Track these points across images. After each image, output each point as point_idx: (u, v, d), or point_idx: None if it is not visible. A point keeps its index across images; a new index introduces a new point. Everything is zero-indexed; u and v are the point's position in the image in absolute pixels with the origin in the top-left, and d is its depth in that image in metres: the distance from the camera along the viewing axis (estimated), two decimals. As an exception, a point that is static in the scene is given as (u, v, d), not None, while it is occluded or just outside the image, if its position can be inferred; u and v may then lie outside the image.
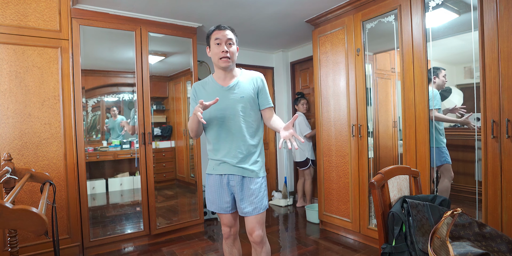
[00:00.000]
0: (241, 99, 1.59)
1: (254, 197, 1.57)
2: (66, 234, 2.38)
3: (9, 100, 2.18)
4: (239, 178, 1.59)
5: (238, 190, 1.59)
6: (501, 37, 1.72)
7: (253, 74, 1.69)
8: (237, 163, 1.58)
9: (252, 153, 1.61)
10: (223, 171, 1.62)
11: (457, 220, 1.16)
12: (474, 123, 1.94)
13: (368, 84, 2.55)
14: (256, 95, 1.64)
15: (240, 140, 1.59)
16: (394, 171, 1.35)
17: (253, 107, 1.63)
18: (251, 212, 1.57)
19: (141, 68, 2.71)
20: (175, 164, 3.26)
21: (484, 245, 1.12)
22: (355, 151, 2.63)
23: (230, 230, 1.69)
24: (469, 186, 2.02)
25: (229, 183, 1.61)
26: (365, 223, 2.59)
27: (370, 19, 2.47)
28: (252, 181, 1.59)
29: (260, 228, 1.59)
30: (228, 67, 1.59)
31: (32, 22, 2.25)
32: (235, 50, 1.61)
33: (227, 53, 1.56)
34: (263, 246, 1.61)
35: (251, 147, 1.61)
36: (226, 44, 1.57)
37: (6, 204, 0.84)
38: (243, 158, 1.59)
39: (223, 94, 1.60)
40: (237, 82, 1.63)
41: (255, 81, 1.65)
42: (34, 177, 1.52)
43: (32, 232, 0.88)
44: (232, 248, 1.72)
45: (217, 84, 1.64)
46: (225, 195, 1.63)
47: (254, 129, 1.64)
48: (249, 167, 1.59)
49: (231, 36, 1.58)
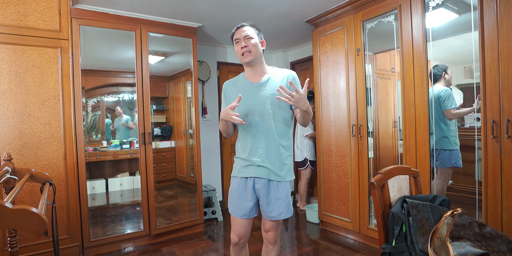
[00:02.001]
0: (270, 96, 1.53)
1: (281, 201, 1.54)
2: (66, 234, 2.38)
3: (9, 100, 2.18)
4: (265, 181, 1.53)
5: (264, 193, 1.54)
6: (501, 37, 1.72)
7: (285, 71, 1.61)
8: (263, 163, 1.52)
9: (280, 154, 1.55)
10: (248, 174, 1.55)
11: (457, 220, 1.16)
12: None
13: (368, 84, 2.55)
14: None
15: (268, 139, 1.53)
16: (394, 171, 1.35)
17: (283, 105, 1.55)
18: (277, 217, 1.54)
19: (141, 68, 2.71)
20: (175, 164, 3.26)
21: (484, 245, 1.12)
22: (355, 151, 2.63)
23: (239, 240, 1.61)
24: (469, 186, 2.02)
25: (255, 186, 1.56)
26: (365, 223, 2.58)
27: (370, 19, 2.46)
28: (279, 185, 1.54)
29: (277, 229, 1.60)
30: (252, 61, 1.53)
31: (32, 22, 2.25)
32: (257, 42, 1.54)
33: (246, 48, 1.51)
34: (275, 245, 1.63)
35: (280, 147, 1.55)
36: (245, 40, 1.53)
37: (6, 204, 0.84)
38: (271, 158, 1.53)
39: (253, 90, 1.56)
40: (268, 79, 1.57)
41: (286, 78, 1.57)
42: (34, 177, 1.52)
43: (32, 232, 0.88)
44: (239, 254, 1.67)
45: (247, 80, 1.60)
46: (248, 199, 1.56)
47: (284, 128, 1.57)
48: (276, 170, 1.53)
49: (248, 32, 1.53)
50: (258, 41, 1.57)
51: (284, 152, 1.56)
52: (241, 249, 1.66)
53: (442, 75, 2.11)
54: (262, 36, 1.61)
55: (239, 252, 1.66)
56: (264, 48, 1.61)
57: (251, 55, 1.53)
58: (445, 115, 2.09)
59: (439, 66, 2.12)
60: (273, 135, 1.54)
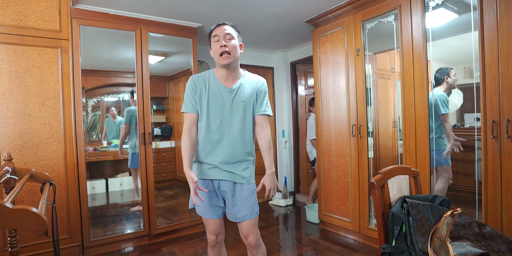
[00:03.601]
0: (241, 104, 1.54)
1: (246, 202, 1.55)
2: (66, 234, 2.38)
3: (9, 100, 2.18)
4: (230, 183, 1.55)
5: (230, 195, 1.56)
6: (501, 37, 1.72)
7: (255, 77, 1.62)
8: (228, 168, 1.54)
9: (245, 160, 1.57)
10: (213, 176, 1.56)
11: (457, 220, 1.16)
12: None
13: (368, 84, 2.55)
14: (256, 100, 1.58)
15: (235, 146, 1.54)
16: (394, 171, 1.35)
17: (251, 112, 1.58)
18: (243, 218, 1.54)
19: (141, 68, 2.71)
20: (175, 164, 3.26)
21: (484, 245, 1.12)
22: (355, 151, 2.63)
23: (217, 238, 1.63)
24: (469, 186, 2.02)
25: (220, 188, 1.57)
26: (365, 223, 2.59)
27: (370, 19, 2.47)
28: (244, 187, 1.56)
29: (255, 232, 1.58)
30: (230, 64, 1.48)
31: (32, 22, 2.25)
32: (236, 45, 1.50)
33: (226, 48, 1.45)
34: (259, 248, 1.61)
35: (245, 154, 1.57)
36: (225, 39, 1.47)
37: (6, 204, 0.84)
38: (236, 163, 1.55)
39: (225, 95, 1.54)
40: (240, 85, 1.56)
41: (255, 86, 1.58)
42: (34, 177, 1.52)
43: (32, 232, 0.88)
44: (218, 255, 1.68)
45: (220, 83, 1.55)
46: (216, 200, 1.58)
47: (251, 135, 1.59)
48: (240, 173, 1.55)
49: (229, 31, 1.49)
50: (238, 44, 1.53)
51: (247, 158, 1.58)
52: (220, 249, 1.67)
53: (444, 79, 2.12)
54: (241, 39, 1.59)
55: (219, 252, 1.67)
56: (241, 51, 1.57)
57: (230, 58, 1.47)
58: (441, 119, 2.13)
59: (442, 70, 2.12)
60: (240, 141, 1.55)
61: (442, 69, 2.13)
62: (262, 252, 1.62)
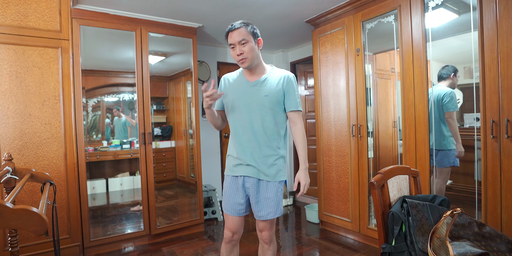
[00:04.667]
0: (264, 98, 1.53)
1: (270, 201, 1.54)
2: (66, 234, 2.38)
3: (9, 100, 2.19)
4: (254, 180, 1.55)
5: (254, 192, 1.55)
6: (501, 37, 1.72)
7: (282, 72, 1.59)
8: (251, 163, 1.53)
9: (269, 155, 1.55)
10: (238, 173, 1.57)
11: (457, 220, 1.16)
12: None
13: (368, 84, 2.55)
14: (282, 96, 1.56)
15: (257, 139, 1.54)
16: (394, 171, 1.35)
17: (276, 108, 1.55)
18: (266, 216, 1.54)
19: (141, 68, 2.71)
20: (175, 164, 3.26)
21: (483, 245, 1.12)
22: (355, 151, 2.63)
23: (233, 235, 1.62)
24: (468, 186, 2.02)
25: (244, 184, 1.57)
26: (365, 223, 2.59)
27: (370, 19, 2.47)
28: (269, 185, 1.55)
29: (271, 229, 1.60)
30: (250, 65, 1.53)
31: (33, 22, 2.25)
32: (252, 47, 1.51)
33: (242, 55, 1.50)
34: (271, 244, 1.62)
35: (269, 148, 1.55)
36: (240, 45, 1.50)
37: (6, 204, 0.84)
38: (259, 158, 1.54)
39: (247, 89, 1.56)
40: (265, 79, 1.56)
41: (282, 80, 1.55)
42: (35, 177, 1.52)
43: (32, 232, 0.89)
44: (230, 254, 1.67)
45: (244, 78, 1.60)
46: (239, 197, 1.58)
47: (275, 131, 1.56)
48: (265, 170, 1.54)
49: (242, 36, 1.49)
50: (254, 43, 1.53)
51: (273, 153, 1.56)
52: (233, 247, 1.66)
53: (450, 76, 2.10)
54: (258, 33, 1.56)
55: (231, 251, 1.66)
56: (261, 46, 1.58)
57: (248, 61, 1.52)
58: (445, 117, 2.10)
59: (449, 67, 2.11)
60: (262, 135, 1.54)
61: (448, 66, 2.11)
62: (273, 248, 1.63)
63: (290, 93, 1.57)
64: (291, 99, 1.57)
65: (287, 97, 1.57)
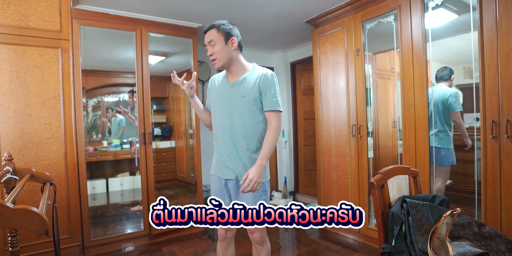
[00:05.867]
0: (241, 99, 1.51)
1: (249, 202, 1.52)
2: (66, 234, 2.38)
3: (10, 100, 2.19)
4: (233, 181, 1.57)
5: (234, 193, 1.57)
6: (500, 37, 1.72)
7: (261, 70, 1.56)
8: (229, 164, 1.55)
9: (247, 157, 1.54)
10: (219, 173, 1.61)
11: (457, 220, 1.16)
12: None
13: (368, 84, 2.55)
14: (259, 94, 1.52)
15: (234, 142, 1.54)
16: (394, 171, 1.35)
17: (254, 108, 1.52)
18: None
19: (141, 68, 2.71)
20: (175, 164, 3.26)
21: (483, 245, 1.12)
22: (355, 151, 2.63)
23: (226, 232, 1.63)
24: (468, 186, 2.03)
25: (227, 184, 1.60)
26: (365, 223, 2.59)
27: (369, 19, 2.47)
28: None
29: (260, 230, 1.57)
30: (222, 66, 1.55)
31: (33, 23, 2.25)
32: (221, 47, 1.50)
33: (212, 56, 1.53)
34: (264, 245, 1.61)
35: (247, 151, 1.54)
36: (210, 46, 1.52)
37: (7, 204, 0.85)
38: (236, 160, 1.54)
39: (227, 90, 1.57)
40: (243, 79, 1.54)
41: (259, 79, 1.51)
42: (35, 177, 1.52)
43: (32, 231, 0.89)
44: (226, 251, 1.67)
45: (225, 79, 1.61)
46: (224, 195, 1.61)
47: (255, 131, 1.54)
48: (242, 172, 1.54)
49: (210, 37, 1.51)
50: (225, 44, 1.51)
51: (249, 155, 1.54)
52: (228, 245, 1.67)
53: (450, 78, 2.11)
54: (233, 33, 1.53)
55: (227, 248, 1.67)
56: (234, 46, 1.53)
57: (218, 62, 1.53)
58: (451, 117, 2.10)
59: (447, 69, 2.12)
60: (240, 137, 1.53)
61: (447, 68, 2.12)
62: (266, 249, 1.62)
63: (266, 92, 1.51)
64: (267, 98, 1.51)
65: (263, 96, 1.52)
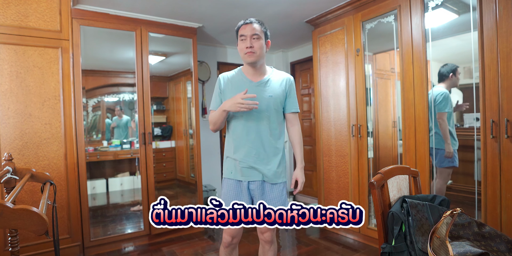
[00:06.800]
0: (269, 98, 1.53)
1: (276, 201, 1.53)
2: (66, 234, 2.38)
3: (10, 100, 2.19)
4: (259, 182, 1.54)
5: (259, 194, 1.54)
6: (500, 37, 1.72)
7: (284, 74, 1.62)
8: (256, 165, 1.52)
9: (274, 155, 1.55)
10: (242, 177, 1.55)
11: (457, 220, 1.16)
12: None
13: (368, 84, 2.55)
14: (285, 97, 1.59)
15: (262, 141, 1.53)
16: (394, 171, 1.35)
17: (279, 108, 1.57)
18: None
19: (141, 68, 2.71)
20: (175, 164, 3.26)
21: (483, 245, 1.12)
22: (355, 151, 2.63)
23: (232, 240, 1.59)
24: (468, 186, 2.02)
25: (249, 186, 1.56)
26: (365, 223, 2.59)
27: (369, 19, 2.47)
28: (273, 186, 1.55)
29: (273, 229, 1.59)
30: (255, 62, 1.51)
31: (33, 23, 2.25)
32: (262, 44, 1.51)
33: (251, 48, 1.48)
34: (272, 245, 1.62)
35: (274, 149, 1.55)
36: (251, 39, 1.49)
37: (7, 204, 0.85)
38: (264, 160, 1.53)
39: (252, 89, 1.53)
40: (268, 80, 1.57)
41: (285, 82, 1.59)
42: (35, 177, 1.52)
43: (32, 231, 0.89)
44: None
45: (246, 78, 1.57)
46: (244, 200, 1.54)
47: (279, 131, 1.58)
48: (269, 172, 1.53)
49: (256, 31, 1.49)
50: (264, 42, 1.54)
51: (277, 154, 1.57)
52: (232, 250, 1.65)
53: (449, 76, 2.08)
54: (268, 35, 1.58)
55: (230, 253, 1.65)
56: (268, 49, 1.59)
57: (255, 56, 1.50)
58: (436, 117, 2.10)
59: (449, 66, 2.08)
60: (268, 136, 1.54)
61: (448, 65, 2.09)
62: (273, 249, 1.63)
63: (292, 95, 1.61)
64: (293, 101, 1.61)
65: (289, 98, 1.61)
